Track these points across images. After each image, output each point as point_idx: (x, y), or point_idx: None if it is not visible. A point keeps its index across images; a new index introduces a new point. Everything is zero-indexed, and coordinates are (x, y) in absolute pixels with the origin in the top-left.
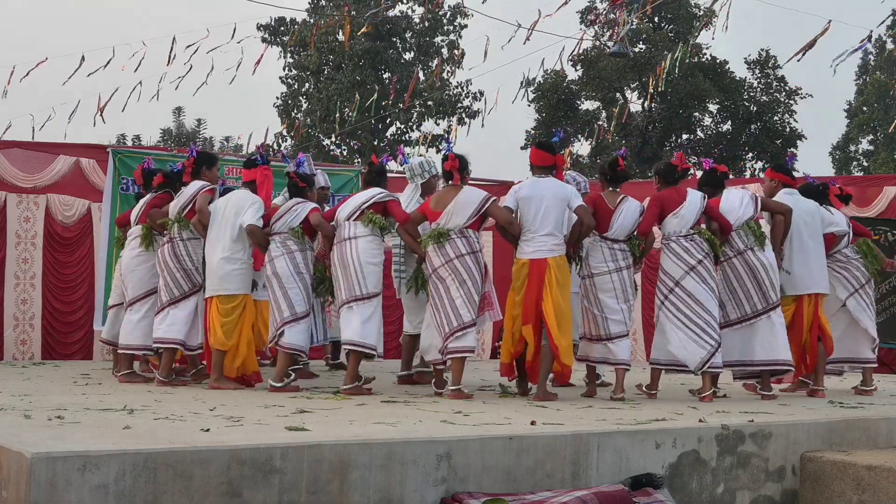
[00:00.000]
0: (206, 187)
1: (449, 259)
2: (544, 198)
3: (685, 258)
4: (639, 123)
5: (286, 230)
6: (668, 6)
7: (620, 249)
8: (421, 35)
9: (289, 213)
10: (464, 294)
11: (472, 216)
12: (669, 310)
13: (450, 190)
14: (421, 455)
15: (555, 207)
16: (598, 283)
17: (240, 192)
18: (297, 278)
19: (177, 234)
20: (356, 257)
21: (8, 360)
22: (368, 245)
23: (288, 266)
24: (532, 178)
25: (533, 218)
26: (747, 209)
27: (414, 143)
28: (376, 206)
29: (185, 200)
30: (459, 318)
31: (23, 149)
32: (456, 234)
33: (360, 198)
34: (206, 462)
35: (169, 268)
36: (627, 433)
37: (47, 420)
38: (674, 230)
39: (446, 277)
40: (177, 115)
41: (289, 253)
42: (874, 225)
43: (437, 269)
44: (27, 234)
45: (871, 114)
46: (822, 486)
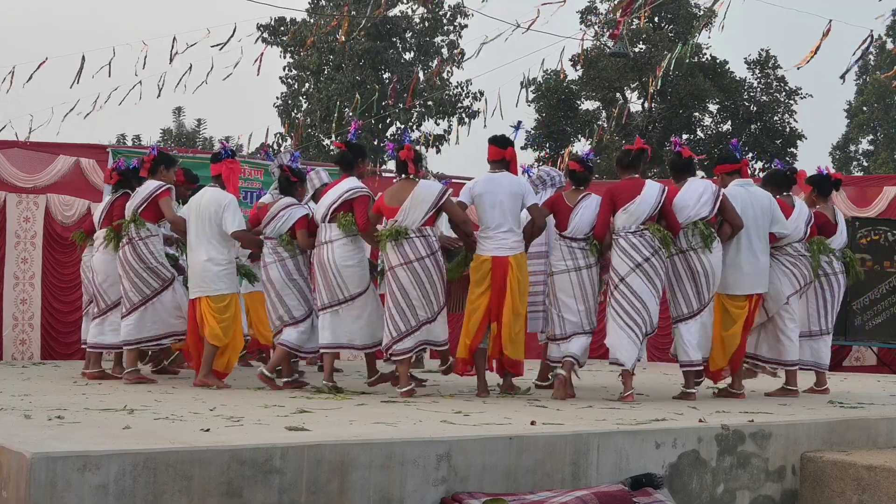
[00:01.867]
0: (162, 188)
1: (409, 260)
2: (498, 193)
3: (632, 255)
4: (639, 123)
5: (275, 236)
6: (668, 6)
7: (580, 248)
8: (421, 35)
9: (277, 219)
10: (422, 296)
11: (428, 212)
12: (613, 307)
13: (405, 184)
14: (421, 455)
15: (510, 202)
16: (556, 281)
17: (210, 191)
18: (292, 285)
19: (134, 233)
20: (332, 262)
21: (7, 359)
22: (343, 248)
23: (280, 273)
24: (486, 174)
25: (490, 214)
26: (703, 207)
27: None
28: (345, 206)
29: (140, 200)
30: (416, 319)
31: (23, 149)
32: (414, 234)
33: (330, 196)
34: (206, 462)
35: (134, 269)
36: (627, 433)
37: (47, 420)
38: (623, 225)
39: (403, 278)
40: (177, 115)
41: (280, 260)
42: (874, 225)
43: (395, 267)
44: (27, 234)
45: (871, 114)
46: (822, 486)
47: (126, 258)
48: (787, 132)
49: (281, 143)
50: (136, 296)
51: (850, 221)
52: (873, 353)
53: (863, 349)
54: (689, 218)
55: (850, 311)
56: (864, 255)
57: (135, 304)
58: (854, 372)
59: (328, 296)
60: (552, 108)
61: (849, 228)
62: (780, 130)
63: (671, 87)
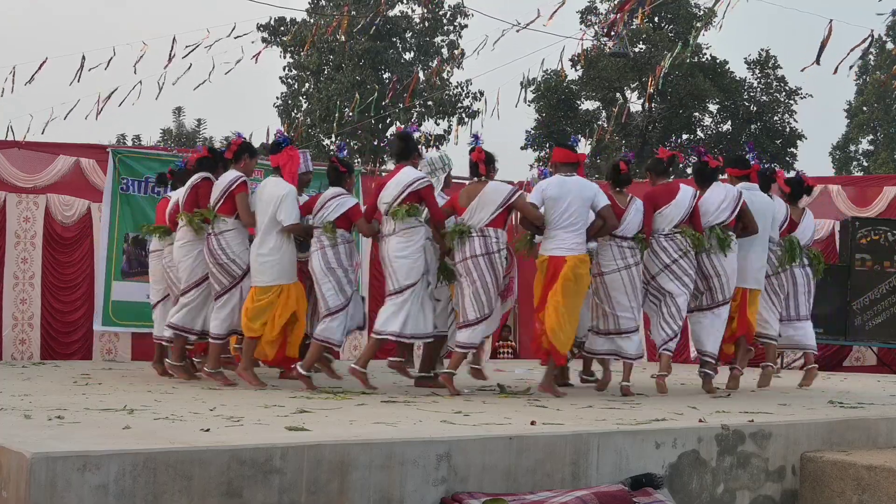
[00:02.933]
0: (239, 180)
1: (465, 258)
2: (570, 197)
3: (661, 257)
4: (639, 123)
5: (320, 224)
6: (668, 6)
7: (629, 247)
8: (421, 35)
9: (325, 208)
10: (471, 294)
11: (496, 211)
12: (649, 300)
13: (476, 185)
14: (421, 455)
15: (580, 206)
16: (608, 280)
17: (272, 182)
18: (329, 274)
19: (211, 227)
20: (388, 253)
21: (7, 359)
22: (398, 239)
23: (320, 262)
24: (558, 177)
25: (558, 216)
26: (722, 213)
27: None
28: (411, 196)
29: (219, 194)
30: (464, 315)
31: (23, 149)
32: (476, 233)
33: (392, 190)
34: (206, 462)
35: (208, 264)
36: (627, 433)
37: (47, 420)
38: (657, 227)
39: (463, 274)
40: (177, 115)
41: (321, 249)
42: (874, 225)
43: (457, 264)
44: (27, 234)
45: (871, 114)
46: (822, 486)
47: (207, 251)
48: (787, 132)
49: None
50: (216, 287)
51: (851, 221)
52: (873, 353)
53: (863, 349)
54: (708, 222)
55: (850, 311)
56: (864, 255)
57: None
58: (854, 372)
59: (389, 284)
60: (552, 108)
61: (849, 228)
62: (780, 130)
63: (671, 87)
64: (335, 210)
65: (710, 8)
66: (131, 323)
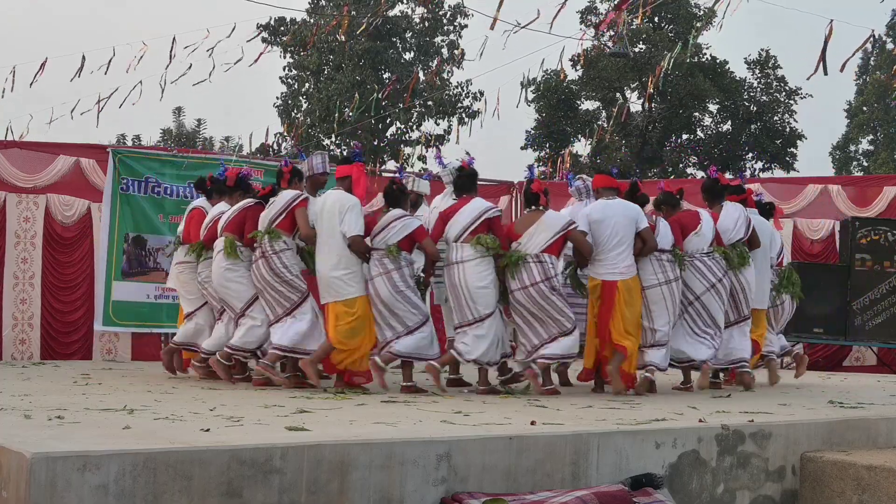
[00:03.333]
0: (300, 197)
1: (524, 286)
2: (616, 219)
3: (707, 276)
4: (639, 123)
5: (383, 247)
6: (668, 6)
7: (668, 261)
8: (421, 35)
9: (389, 229)
10: (542, 317)
11: (551, 240)
12: (687, 321)
13: (534, 214)
14: (421, 455)
15: (625, 228)
16: (649, 295)
17: (335, 194)
18: (400, 297)
19: (268, 246)
20: (464, 282)
21: (7, 359)
22: (476, 268)
23: (387, 286)
24: (601, 201)
25: (606, 240)
26: (739, 231)
27: (414, 143)
28: (483, 226)
29: (278, 210)
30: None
31: (23, 149)
32: (532, 260)
33: (465, 217)
34: (206, 462)
35: (270, 284)
36: (627, 433)
37: (47, 420)
38: (695, 248)
39: (523, 301)
40: (177, 115)
41: (386, 273)
42: (874, 225)
43: (514, 292)
44: (27, 234)
45: (871, 114)
46: (822, 486)
47: (260, 273)
48: (787, 132)
49: (281, 143)
50: (279, 308)
51: (851, 221)
52: (873, 353)
53: (863, 349)
54: (729, 240)
55: (850, 311)
56: (864, 255)
57: (279, 314)
58: (854, 372)
59: (458, 316)
60: (552, 108)
61: (849, 228)
62: (780, 130)
63: (671, 87)
64: (400, 231)
65: (711, 8)
66: (131, 323)
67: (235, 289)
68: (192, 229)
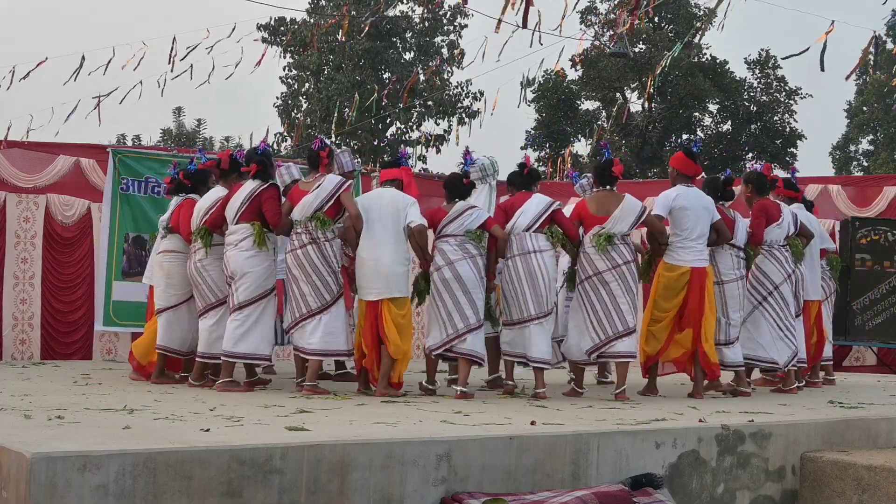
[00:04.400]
0: (346, 183)
1: (616, 265)
2: (698, 207)
3: (786, 266)
4: (639, 123)
5: (461, 233)
6: (668, 6)
7: (742, 258)
8: (421, 35)
9: (464, 216)
10: (630, 300)
11: (634, 223)
12: (769, 312)
13: (610, 195)
14: (421, 455)
15: (706, 217)
16: (727, 289)
17: (392, 191)
18: (480, 283)
19: (320, 234)
20: (545, 272)
21: (7, 359)
22: (551, 259)
23: (472, 271)
24: (681, 187)
25: (692, 227)
26: (792, 225)
27: (414, 143)
28: (549, 217)
29: (326, 196)
30: (625, 323)
31: (23, 149)
32: (620, 240)
33: (534, 207)
34: (206, 462)
35: (318, 272)
36: (627, 433)
37: (47, 420)
38: (775, 238)
39: (611, 282)
40: (177, 115)
41: (471, 257)
42: (874, 225)
43: (603, 272)
44: (27, 234)
45: (871, 114)
46: (822, 486)
47: (310, 259)
48: (787, 132)
49: (281, 143)
50: (314, 301)
51: (851, 221)
52: (873, 354)
53: (863, 349)
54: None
55: (850, 311)
56: (864, 255)
57: (312, 310)
58: (854, 372)
59: (536, 307)
60: (552, 108)
61: (849, 228)
62: (780, 130)
63: (671, 87)
64: (476, 220)
65: (712, 10)
66: (132, 323)
67: (257, 276)
68: (184, 218)
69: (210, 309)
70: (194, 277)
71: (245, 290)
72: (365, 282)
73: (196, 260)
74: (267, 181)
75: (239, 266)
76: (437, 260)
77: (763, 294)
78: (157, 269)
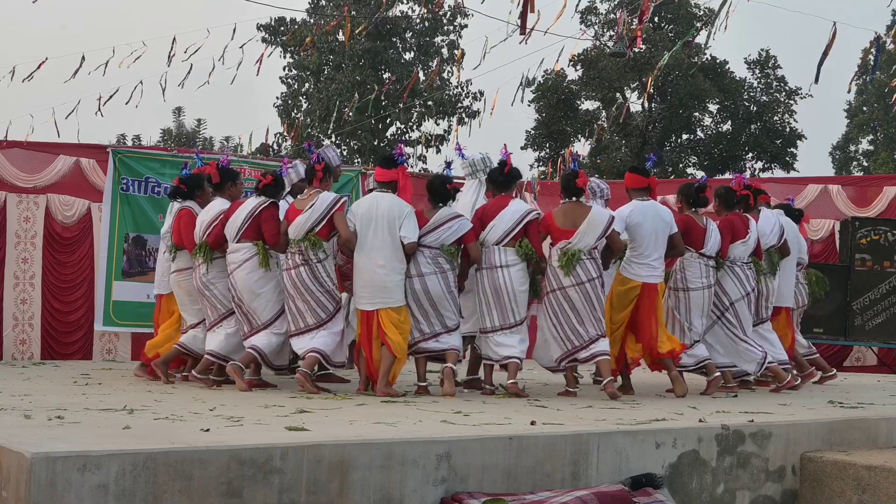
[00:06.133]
0: (340, 201)
1: (581, 282)
2: (654, 222)
3: (745, 284)
4: (639, 123)
5: (437, 246)
6: (668, 6)
7: (712, 267)
8: (421, 35)
9: (444, 228)
10: (592, 316)
11: (601, 236)
12: (727, 326)
13: (577, 207)
14: (421, 455)
15: (663, 231)
16: (693, 297)
17: (389, 198)
18: (450, 297)
19: (312, 255)
20: (511, 286)
21: (7, 359)
22: (520, 273)
23: (441, 285)
24: (636, 202)
25: (647, 242)
26: (774, 236)
27: (414, 143)
28: (523, 230)
29: (318, 217)
30: (588, 333)
31: (23, 149)
32: (586, 256)
33: (507, 220)
34: (206, 462)
35: (311, 292)
36: (627, 433)
37: (47, 420)
38: (738, 255)
39: (575, 298)
40: (177, 115)
41: (441, 272)
42: (874, 225)
43: (567, 288)
44: (27, 234)
45: (871, 114)
46: (822, 486)
47: (302, 280)
48: (787, 132)
49: (281, 143)
50: (311, 318)
51: (851, 221)
52: (874, 354)
53: (863, 349)
54: (765, 245)
55: (850, 311)
56: (864, 255)
57: (309, 325)
58: (854, 372)
59: (500, 319)
60: (552, 108)
61: (849, 228)
62: (780, 130)
63: (671, 87)
64: (456, 232)
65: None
66: (132, 323)
67: (267, 298)
68: (185, 232)
69: (223, 319)
70: (201, 291)
71: (264, 310)
72: (361, 290)
73: (200, 274)
74: (266, 199)
75: (248, 289)
76: (410, 269)
77: (721, 309)
78: (177, 288)
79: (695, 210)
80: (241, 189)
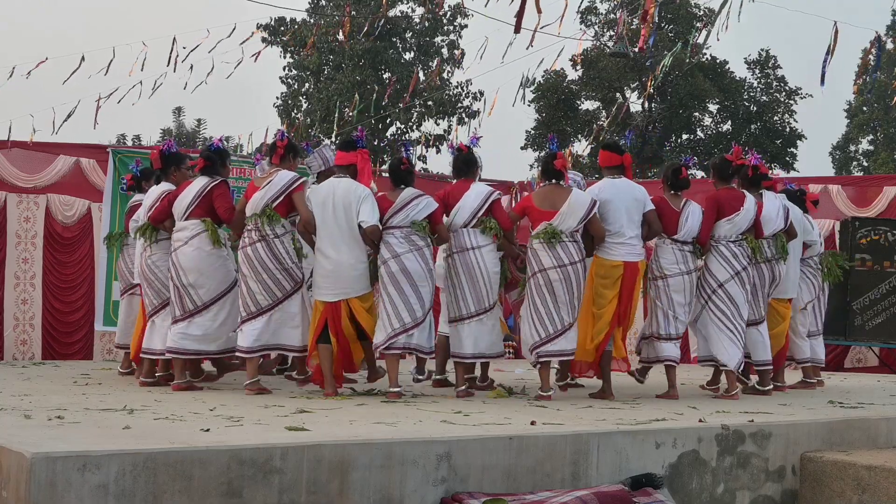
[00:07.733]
0: (299, 180)
1: (563, 264)
2: (625, 199)
3: (732, 263)
4: (639, 123)
5: (407, 224)
6: (667, 6)
7: (689, 252)
8: (421, 35)
9: (410, 207)
10: (569, 301)
11: (582, 220)
12: (712, 311)
13: (557, 189)
14: (421, 455)
15: (636, 209)
16: (672, 284)
17: (345, 184)
18: (429, 276)
19: (269, 230)
20: (485, 268)
21: (8, 360)
22: (491, 254)
23: (419, 263)
24: (607, 180)
25: (619, 219)
26: (779, 221)
27: (414, 143)
28: (487, 210)
29: (276, 192)
30: (562, 321)
31: (23, 149)
32: (568, 238)
33: (472, 201)
34: (206, 462)
35: (268, 270)
36: (627, 433)
37: (47, 420)
38: (724, 234)
39: (555, 281)
40: (177, 115)
41: (417, 249)
42: (874, 225)
43: (548, 269)
44: (27, 234)
45: (871, 114)
46: (822, 486)
47: (259, 257)
48: (787, 132)
49: None
50: (265, 299)
51: (851, 221)
52: (874, 354)
53: (864, 350)
54: (772, 230)
55: (850, 311)
56: (864, 255)
57: (262, 307)
58: (855, 372)
59: (475, 304)
60: (552, 108)
61: (849, 228)
62: (780, 130)
63: (671, 87)
64: (424, 209)
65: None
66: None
67: (213, 278)
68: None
69: (162, 308)
70: (145, 275)
71: (207, 290)
72: (323, 281)
73: (146, 257)
74: (216, 177)
75: (194, 267)
76: (384, 253)
77: (707, 293)
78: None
79: (674, 193)
80: (185, 174)
